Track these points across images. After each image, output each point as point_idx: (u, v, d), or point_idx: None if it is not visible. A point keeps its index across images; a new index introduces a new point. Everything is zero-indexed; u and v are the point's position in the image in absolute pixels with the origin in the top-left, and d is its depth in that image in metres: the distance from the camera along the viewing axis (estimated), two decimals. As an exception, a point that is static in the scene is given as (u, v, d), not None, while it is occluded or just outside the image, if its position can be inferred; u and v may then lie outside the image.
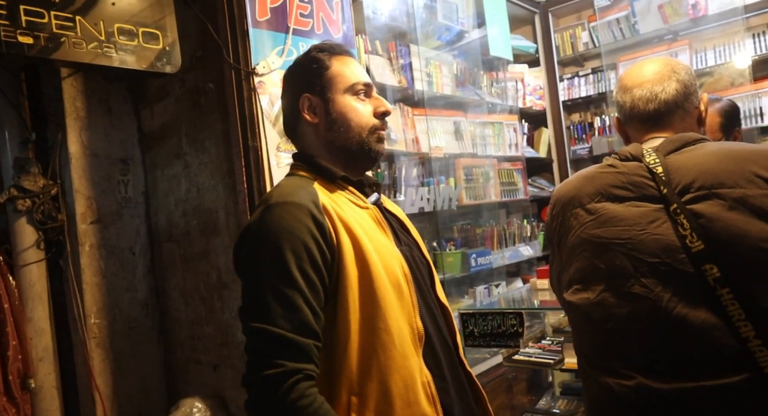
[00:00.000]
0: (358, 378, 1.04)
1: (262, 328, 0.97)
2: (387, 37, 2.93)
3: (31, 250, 2.19)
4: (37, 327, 2.20)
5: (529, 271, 3.71)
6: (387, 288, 1.07)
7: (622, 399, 1.12)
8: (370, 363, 1.04)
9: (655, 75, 1.27)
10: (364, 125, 1.18)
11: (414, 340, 1.09)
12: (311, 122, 1.19)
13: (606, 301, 1.16)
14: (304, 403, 0.94)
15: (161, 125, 2.38)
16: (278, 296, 0.98)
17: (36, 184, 2.18)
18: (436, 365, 1.12)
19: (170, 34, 2.04)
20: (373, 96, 1.22)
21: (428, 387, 1.08)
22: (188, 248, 2.30)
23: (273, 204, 1.05)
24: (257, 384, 0.97)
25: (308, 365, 0.97)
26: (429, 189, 2.84)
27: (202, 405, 2.04)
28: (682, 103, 1.25)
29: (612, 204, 1.19)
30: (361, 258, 1.06)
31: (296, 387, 0.94)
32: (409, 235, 1.26)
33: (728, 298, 1.04)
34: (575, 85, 4.05)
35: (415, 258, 1.20)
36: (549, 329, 2.49)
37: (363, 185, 1.22)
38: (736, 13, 3.33)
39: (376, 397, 1.03)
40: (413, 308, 1.11)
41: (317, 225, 1.03)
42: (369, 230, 1.11)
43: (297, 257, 1.00)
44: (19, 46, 1.66)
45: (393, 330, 1.06)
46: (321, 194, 1.10)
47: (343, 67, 1.19)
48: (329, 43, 1.24)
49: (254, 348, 0.99)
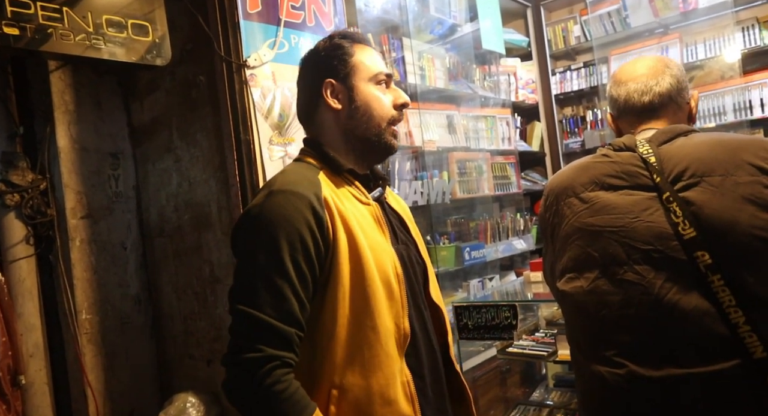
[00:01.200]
0: (340, 372, 1.05)
1: (248, 312, 0.99)
2: (379, 30, 2.91)
3: (20, 246, 2.17)
4: (28, 323, 2.18)
5: (522, 265, 3.72)
6: (378, 286, 1.08)
7: (614, 387, 1.13)
8: (353, 359, 1.06)
9: (649, 69, 1.29)
10: (385, 115, 1.18)
11: (399, 340, 1.10)
12: (333, 108, 1.18)
13: (599, 289, 1.16)
14: (279, 388, 0.96)
15: (152, 119, 2.36)
16: (268, 283, 1.00)
17: (24, 179, 2.16)
18: (417, 365, 1.14)
19: (160, 26, 2.02)
20: (392, 87, 1.22)
21: (408, 387, 1.10)
22: (180, 243, 2.29)
23: (275, 190, 1.05)
24: (236, 366, 0.99)
25: (288, 353, 0.99)
26: (422, 182, 2.84)
27: (196, 400, 2.03)
28: (675, 97, 1.28)
29: (606, 192, 1.20)
30: (355, 255, 1.07)
31: (273, 372, 0.96)
32: (407, 234, 1.26)
33: (719, 285, 1.05)
34: (567, 79, 4.06)
35: (411, 258, 1.21)
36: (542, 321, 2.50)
37: (368, 180, 1.22)
38: (725, 6, 3.35)
39: (357, 392, 1.05)
40: (402, 308, 1.12)
41: (316, 217, 1.04)
42: (366, 227, 1.12)
43: (291, 247, 1.01)
44: (5, 37, 1.63)
45: (380, 328, 1.07)
46: (324, 186, 1.10)
47: (366, 56, 1.19)
48: (350, 32, 1.24)
49: (237, 331, 1.01)
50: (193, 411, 1.96)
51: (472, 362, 2.65)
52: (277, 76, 1.97)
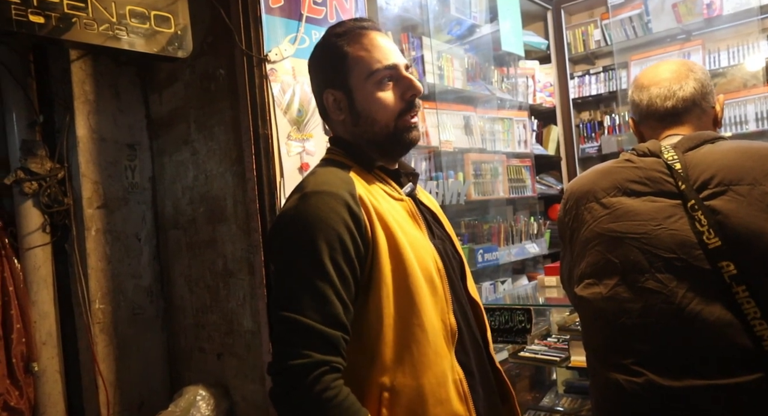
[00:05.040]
0: (390, 374, 1.01)
1: (291, 318, 0.95)
2: (399, 29, 2.90)
3: (36, 234, 2.18)
4: (42, 310, 2.19)
5: (534, 269, 3.69)
6: (421, 283, 1.05)
7: (631, 396, 1.11)
8: (402, 359, 1.02)
9: (672, 74, 1.27)
10: (391, 115, 1.11)
11: (447, 337, 1.07)
12: (338, 119, 1.14)
13: (619, 296, 1.14)
14: (329, 395, 0.92)
15: (170, 111, 2.37)
16: (309, 287, 0.97)
17: (43, 167, 2.18)
18: (467, 362, 1.10)
19: (182, 18, 2.02)
20: (402, 76, 1.12)
21: (460, 385, 1.06)
22: (194, 235, 2.29)
23: (309, 192, 1.02)
24: (282, 374, 0.95)
25: (335, 357, 0.95)
26: (438, 183, 2.83)
27: (206, 393, 2.03)
28: (699, 101, 1.25)
29: (628, 198, 1.18)
30: (395, 252, 1.04)
31: (322, 378, 0.92)
32: (442, 228, 1.23)
33: (744, 296, 1.03)
34: (586, 83, 4.02)
35: (448, 253, 1.17)
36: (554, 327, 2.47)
37: (399, 175, 1.18)
38: (751, 13, 3.30)
39: (409, 393, 1.01)
40: (446, 304, 1.08)
41: (353, 216, 1.01)
42: (403, 223, 1.09)
43: (330, 248, 0.98)
44: (30, 25, 1.64)
45: (427, 326, 1.03)
46: (357, 184, 1.06)
47: (361, 52, 1.11)
48: (347, 24, 1.16)
49: (282, 338, 0.97)
50: (203, 404, 1.96)
51: (482, 365, 2.62)
52: (297, 72, 1.97)
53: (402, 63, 1.13)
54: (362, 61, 1.10)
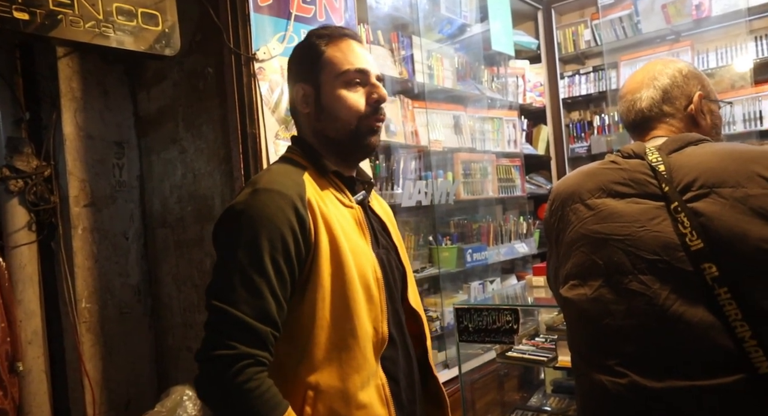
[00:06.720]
0: (317, 374, 1.05)
1: (223, 308, 0.98)
2: (389, 28, 2.90)
3: (22, 232, 2.16)
4: (27, 309, 2.18)
5: (523, 268, 3.71)
6: (358, 290, 1.08)
7: (615, 397, 1.11)
8: (331, 361, 1.06)
9: (636, 84, 1.30)
10: (354, 115, 1.14)
11: (376, 344, 1.11)
12: (304, 112, 1.18)
13: (603, 297, 1.15)
14: (251, 386, 0.95)
15: (158, 109, 2.35)
16: (246, 281, 0.99)
17: (29, 165, 2.15)
18: (393, 369, 1.15)
19: (170, 16, 2.01)
20: (370, 82, 1.17)
21: (382, 390, 1.11)
22: (182, 234, 2.28)
23: (260, 189, 1.05)
24: (208, 362, 0.98)
25: (261, 352, 0.98)
26: (427, 182, 2.83)
27: (193, 393, 2.02)
28: (661, 107, 1.26)
29: (612, 200, 1.18)
30: (336, 258, 1.07)
31: (246, 370, 0.95)
32: (389, 238, 1.26)
33: (726, 298, 1.03)
34: (576, 83, 4.04)
35: (391, 263, 1.21)
36: (543, 326, 2.49)
37: (354, 182, 1.21)
38: (739, 15, 3.32)
39: (333, 394, 1.05)
40: (381, 313, 1.12)
41: (298, 218, 1.04)
42: (349, 230, 1.12)
43: (272, 246, 1.01)
44: (15, 22, 1.62)
45: (359, 332, 1.07)
46: (309, 187, 1.09)
47: (336, 53, 1.15)
48: (329, 28, 1.20)
49: (212, 327, 1.00)
50: (189, 404, 1.95)
51: (470, 365, 2.64)
52: (285, 70, 1.95)
53: (374, 72, 1.18)
54: (335, 60, 1.15)
